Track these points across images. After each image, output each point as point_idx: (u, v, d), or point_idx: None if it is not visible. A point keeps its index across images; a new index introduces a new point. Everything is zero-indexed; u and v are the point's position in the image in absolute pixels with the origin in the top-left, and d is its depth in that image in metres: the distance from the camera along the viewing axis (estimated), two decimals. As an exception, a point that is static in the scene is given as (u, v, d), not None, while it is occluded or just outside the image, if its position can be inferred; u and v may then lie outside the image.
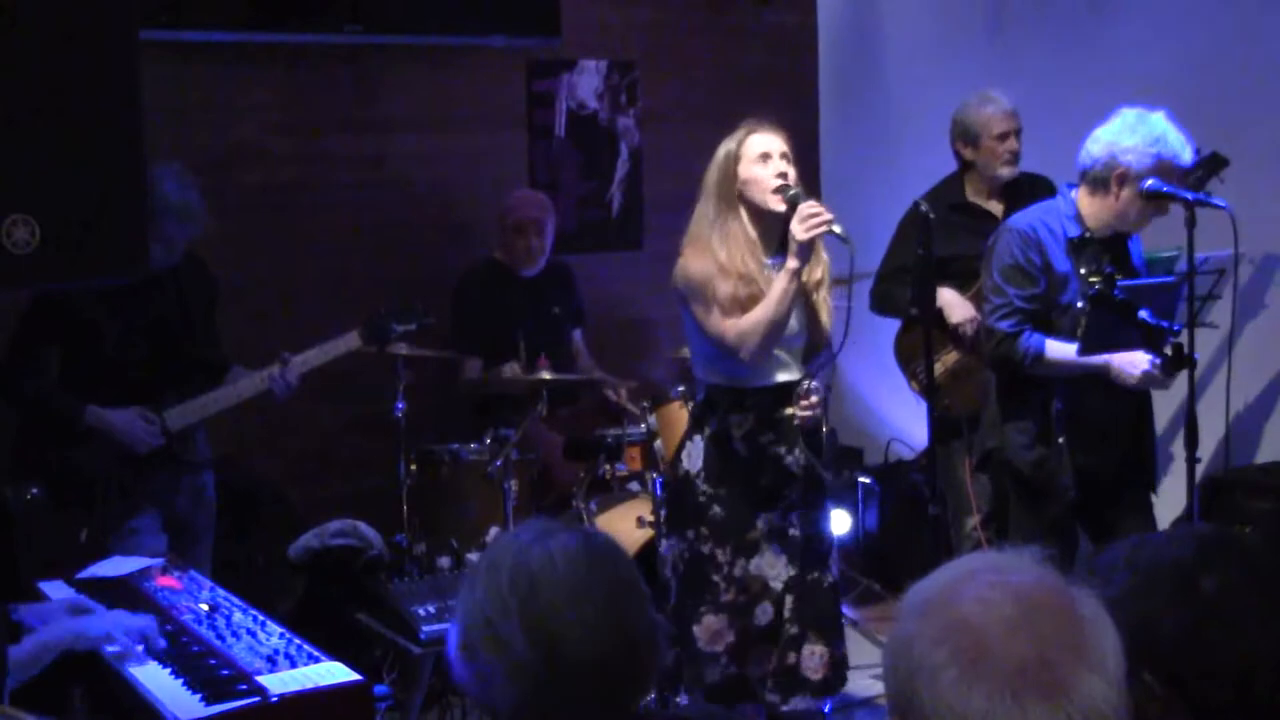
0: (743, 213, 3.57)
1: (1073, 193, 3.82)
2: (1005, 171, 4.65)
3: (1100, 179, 3.73)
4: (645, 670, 1.78)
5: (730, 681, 3.57)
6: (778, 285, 3.48)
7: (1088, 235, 3.77)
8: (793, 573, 3.58)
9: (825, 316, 3.65)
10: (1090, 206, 3.78)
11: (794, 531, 3.60)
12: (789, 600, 3.58)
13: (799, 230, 3.43)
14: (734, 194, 3.56)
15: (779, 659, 3.57)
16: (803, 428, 3.58)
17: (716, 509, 3.57)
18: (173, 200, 3.91)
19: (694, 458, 3.62)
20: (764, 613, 3.58)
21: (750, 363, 3.54)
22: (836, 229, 3.44)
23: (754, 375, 3.59)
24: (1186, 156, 3.72)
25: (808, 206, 3.45)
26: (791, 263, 3.47)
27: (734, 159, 3.57)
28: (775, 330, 3.51)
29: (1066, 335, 3.76)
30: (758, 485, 3.59)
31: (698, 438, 3.63)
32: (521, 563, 1.75)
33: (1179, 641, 1.65)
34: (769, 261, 3.58)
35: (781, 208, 3.53)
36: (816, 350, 3.69)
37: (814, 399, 3.55)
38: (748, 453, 3.59)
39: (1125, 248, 3.88)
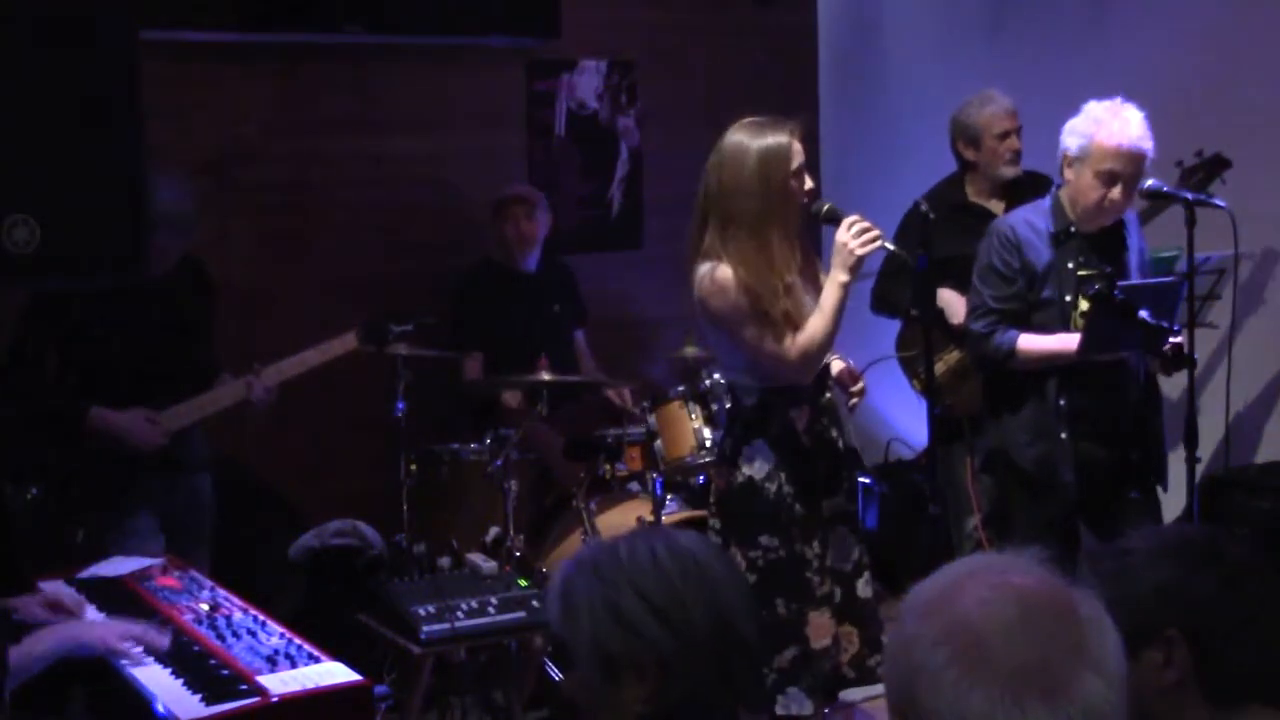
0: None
1: (1060, 190, 3.89)
2: (1008, 171, 4.65)
3: (1060, 169, 3.85)
4: (765, 669, 1.90)
5: (833, 670, 3.53)
6: (831, 299, 3.40)
7: (1072, 230, 3.81)
8: (859, 550, 3.56)
9: None
10: (1066, 199, 3.85)
11: (855, 509, 3.60)
12: (867, 576, 3.56)
13: (856, 245, 3.35)
14: (782, 196, 3.39)
15: (866, 635, 3.54)
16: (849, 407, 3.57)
17: (798, 507, 3.48)
18: (171, 211, 3.90)
19: (756, 461, 3.49)
20: (835, 595, 3.53)
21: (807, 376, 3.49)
22: (890, 245, 3.42)
23: None
24: (1126, 136, 3.68)
25: (858, 221, 3.37)
26: (843, 276, 3.38)
27: (786, 159, 3.39)
28: (831, 344, 3.47)
29: (1052, 330, 3.80)
30: (816, 472, 3.53)
31: (759, 441, 3.50)
32: (678, 548, 1.81)
33: (1208, 598, 1.73)
34: None
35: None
36: None
37: (863, 384, 3.57)
38: (811, 443, 3.52)
39: (1119, 243, 3.88)
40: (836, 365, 3.61)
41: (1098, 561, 1.85)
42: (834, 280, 3.41)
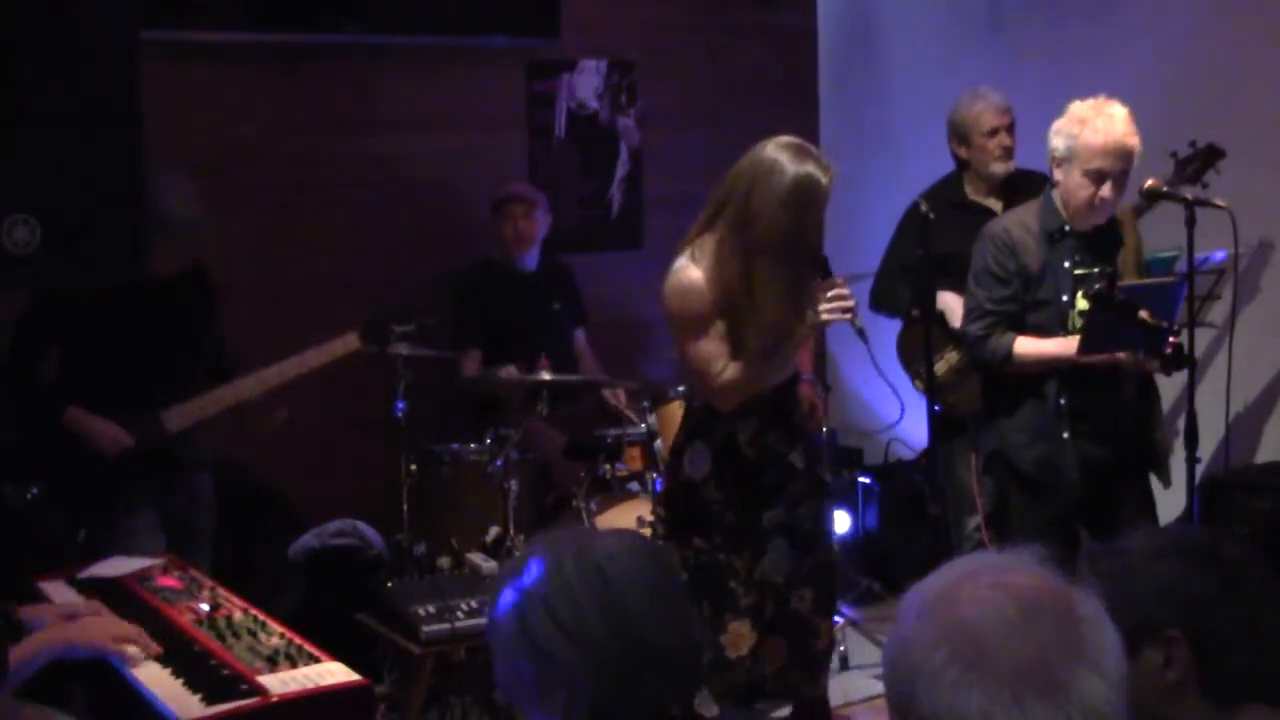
0: None
1: (1053, 190, 3.88)
2: (999, 168, 4.63)
3: (1050, 170, 3.83)
4: (699, 669, 1.82)
5: (754, 683, 3.49)
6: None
7: (1066, 229, 3.81)
8: (798, 564, 3.48)
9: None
10: (1059, 199, 3.84)
11: (801, 524, 3.51)
12: (807, 592, 3.50)
13: (825, 309, 3.29)
14: (799, 230, 3.24)
15: (795, 647, 3.50)
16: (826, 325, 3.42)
17: (729, 515, 3.44)
18: (175, 213, 3.90)
19: (696, 464, 3.47)
20: (766, 607, 3.48)
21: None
22: (858, 322, 3.34)
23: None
24: (1111, 133, 3.67)
25: (839, 286, 3.31)
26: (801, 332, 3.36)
27: (818, 194, 3.23)
28: (758, 384, 3.39)
29: (1050, 330, 3.80)
30: (761, 484, 3.48)
31: (700, 444, 3.47)
32: (587, 557, 1.77)
33: (1208, 598, 1.73)
34: None
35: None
36: None
37: (820, 414, 3.49)
38: (755, 455, 3.46)
39: (1114, 241, 3.88)
40: (804, 387, 3.55)
41: (1098, 561, 1.85)
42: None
